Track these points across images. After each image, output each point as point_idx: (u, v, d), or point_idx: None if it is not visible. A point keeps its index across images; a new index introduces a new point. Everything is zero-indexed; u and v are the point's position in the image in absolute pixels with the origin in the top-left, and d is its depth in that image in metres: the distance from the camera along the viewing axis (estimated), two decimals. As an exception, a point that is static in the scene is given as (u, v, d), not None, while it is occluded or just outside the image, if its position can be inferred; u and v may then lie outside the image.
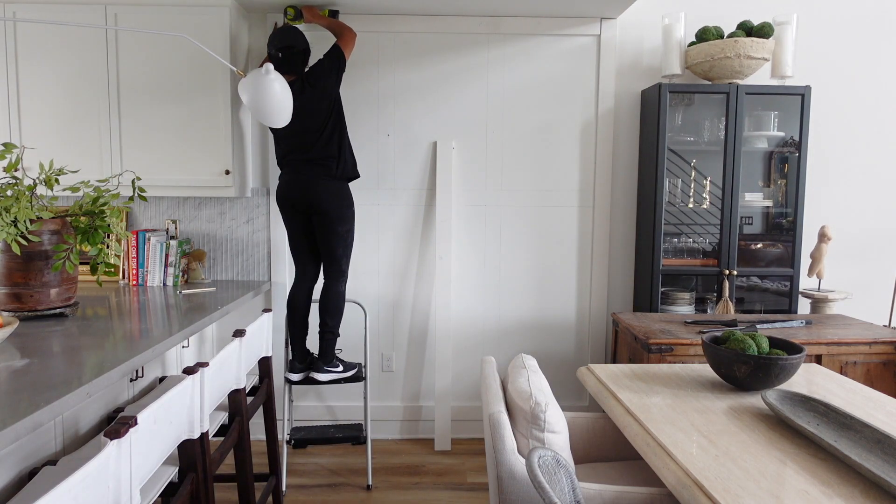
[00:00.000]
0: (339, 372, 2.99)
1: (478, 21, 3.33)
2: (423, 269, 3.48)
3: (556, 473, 1.46)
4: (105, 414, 2.11)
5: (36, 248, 2.18)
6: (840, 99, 3.47)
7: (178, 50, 3.02)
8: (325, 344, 2.98)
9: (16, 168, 2.21)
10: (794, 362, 1.87)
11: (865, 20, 3.44)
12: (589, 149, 3.45)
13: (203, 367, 1.82)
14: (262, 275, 3.43)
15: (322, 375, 2.96)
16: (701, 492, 1.34)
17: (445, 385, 3.42)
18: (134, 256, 3.18)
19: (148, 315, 2.49)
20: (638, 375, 2.17)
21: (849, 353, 2.62)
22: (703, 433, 1.64)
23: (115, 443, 1.30)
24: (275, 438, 2.67)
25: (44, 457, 1.76)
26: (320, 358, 2.98)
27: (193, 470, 1.76)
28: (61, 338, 2.03)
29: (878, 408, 1.84)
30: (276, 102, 2.79)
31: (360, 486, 2.96)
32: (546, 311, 3.52)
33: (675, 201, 3.30)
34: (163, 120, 3.07)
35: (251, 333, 2.42)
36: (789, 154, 3.29)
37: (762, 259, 3.34)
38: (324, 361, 2.97)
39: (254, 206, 3.40)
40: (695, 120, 3.32)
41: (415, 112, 3.40)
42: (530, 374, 1.97)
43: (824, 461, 1.48)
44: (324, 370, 2.96)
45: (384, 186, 3.42)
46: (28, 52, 3.02)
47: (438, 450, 3.39)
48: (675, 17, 3.17)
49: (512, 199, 3.46)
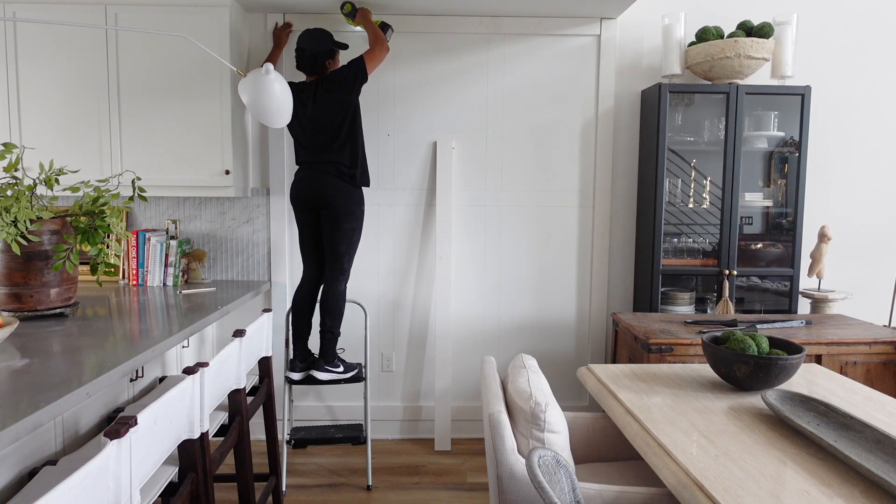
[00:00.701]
0: (340, 372, 2.99)
1: (478, 21, 3.33)
2: (423, 269, 3.48)
3: (556, 473, 1.46)
4: (105, 414, 2.11)
5: (36, 248, 2.18)
6: (840, 99, 3.47)
7: (178, 50, 3.02)
8: (326, 343, 2.98)
9: (16, 168, 2.21)
10: (794, 362, 1.87)
11: (865, 20, 3.44)
12: (589, 149, 3.45)
13: (203, 367, 1.82)
14: (262, 275, 3.43)
15: (322, 374, 2.96)
16: (701, 492, 1.34)
17: (445, 385, 3.42)
18: (134, 256, 3.18)
19: (148, 315, 2.49)
20: (638, 375, 2.17)
21: (849, 353, 2.62)
22: (703, 433, 1.64)
23: (115, 443, 1.30)
24: (275, 438, 2.67)
25: (44, 457, 1.76)
26: (321, 357, 2.98)
27: (193, 470, 1.76)
28: (61, 338, 2.03)
29: (878, 408, 1.84)
30: (276, 102, 2.79)
31: (360, 486, 2.96)
32: (546, 311, 3.52)
33: (675, 201, 3.30)
34: (163, 120, 3.07)
35: (251, 333, 2.42)
36: (789, 154, 3.29)
37: (762, 259, 3.35)
38: (325, 361, 2.97)
39: (254, 206, 3.40)
40: (695, 120, 3.32)
41: (415, 112, 3.40)
42: (530, 374, 1.97)
43: (824, 461, 1.48)
44: (324, 369, 2.96)
45: (384, 186, 3.42)
46: (28, 52, 3.02)
47: (438, 450, 3.39)
48: (675, 17, 3.17)
49: (512, 198, 3.46)
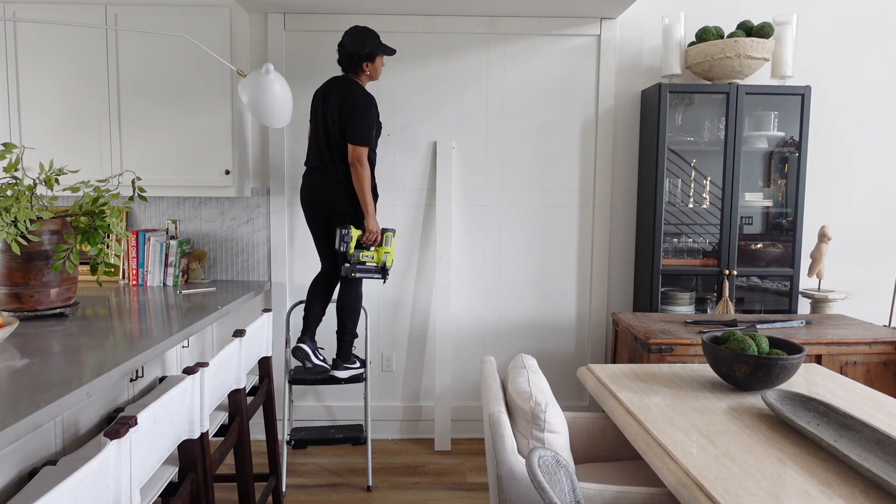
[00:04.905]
0: (357, 367, 3.05)
1: (478, 21, 3.33)
2: (423, 269, 3.48)
3: (556, 473, 1.46)
4: (105, 414, 2.11)
5: (36, 248, 2.18)
6: (840, 99, 3.47)
7: (178, 50, 3.02)
8: (345, 346, 3.02)
9: (16, 168, 2.21)
10: (794, 362, 1.87)
11: (865, 20, 3.44)
12: (589, 149, 3.45)
13: (203, 367, 1.82)
14: (262, 275, 3.43)
15: (343, 373, 3.01)
16: (701, 492, 1.34)
17: (445, 385, 3.42)
18: (134, 256, 3.18)
19: (148, 315, 2.49)
20: (638, 375, 2.17)
21: (849, 353, 2.62)
22: (703, 433, 1.64)
23: (115, 443, 1.30)
24: (275, 438, 2.67)
25: (44, 457, 1.76)
26: (340, 358, 3.02)
27: (193, 470, 1.76)
28: (61, 338, 2.03)
29: (878, 408, 1.84)
30: (276, 103, 2.80)
31: (360, 486, 2.96)
32: (546, 311, 3.52)
33: (675, 201, 3.30)
34: (163, 120, 3.07)
35: (251, 333, 2.42)
36: (789, 154, 3.29)
37: (762, 259, 3.34)
38: (343, 360, 3.02)
39: (254, 206, 3.40)
40: (695, 120, 3.32)
41: (415, 112, 3.40)
42: (530, 374, 1.97)
43: (824, 461, 1.48)
44: (343, 368, 3.02)
45: (384, 186, 3.42)
46: (28, 52, 3.02)
47: (438, 450, 3.39)
48: (675, 17, 3.17)
49: (512, 199, 3.46)
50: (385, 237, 2.94)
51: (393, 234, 2.97)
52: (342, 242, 2.83)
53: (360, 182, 2.80)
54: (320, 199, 2.92)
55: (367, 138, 2.80)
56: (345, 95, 2.81)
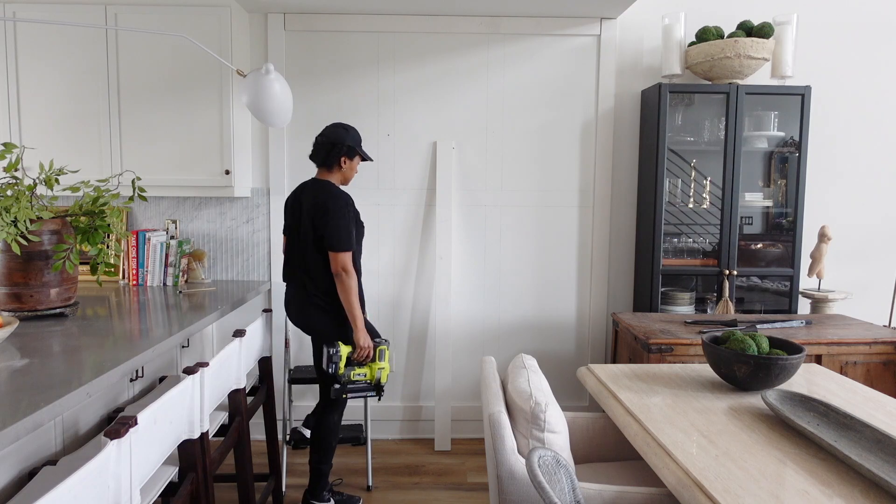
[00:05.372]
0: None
1: (478, 21, 3.33)
2: (423, 269, 3.48)
3: (556, 473, 1.46)
4: (105, 414, 2.11)
5: (36, 248, 2.18)
6: (840, 99, 3.47)
7: (178, 50, 3.02)
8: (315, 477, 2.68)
9: (16, 168, 2.21)
10: (794, 362, 1.87)
11: (865, 20, 3.44)
12: (589, 149, 3.45)
13: (203, 367, 1.82)
14: (262, 275, 3.43)
15: None
16: (701, 492, 1.34)
17: (445, 385, 3.42)
18: (134, 256, 3.18)
19: (148, 315, 2.49)
20: (638, 375, 2.17)
21: (849, 353, 2.62)
22: (703, 433, 1.64)
23: (115, 443, 1.30)
24: (275, 438, 2.67)
25: (44, 457, 1.76)
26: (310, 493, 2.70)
27: (193, 470, 1.76)
28: (61, 338, 2.03)
29: (878, 408, 1.84)
30: (276, 103, 2.79)
31: (360, 486, 2.96)
32: (546, 311, 3.52)
33: (675, 201, 3.30)
34: (163, 120, 3.07)
35: (251, 333, 2.42)
36: (789, 154, 3.29)
37: (762, 259, 3.34)
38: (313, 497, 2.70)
39: (254, 206, 3.40)
40: (695, 120, 3.32)
41: (415, 112, 3.40)
42: (530, 374, 1.97)
43: (824, 461, 1.48)
44: None
45: (384, 186, 3.42)
46: (28, 51, 3.02)
47: (438, 450, 3.39)
48: (675, 17, 3.17)
49: (512, 199, 3.46)
50: (379, 351, 2.58)
51: (387, 345, 2.62)
52: (330, 363, 2.47)
53: (347, 294, 2.45)
54: (298, 321, 2.62)
55: (347, 242, 2.46)
56: (316, 197, 2.51)
